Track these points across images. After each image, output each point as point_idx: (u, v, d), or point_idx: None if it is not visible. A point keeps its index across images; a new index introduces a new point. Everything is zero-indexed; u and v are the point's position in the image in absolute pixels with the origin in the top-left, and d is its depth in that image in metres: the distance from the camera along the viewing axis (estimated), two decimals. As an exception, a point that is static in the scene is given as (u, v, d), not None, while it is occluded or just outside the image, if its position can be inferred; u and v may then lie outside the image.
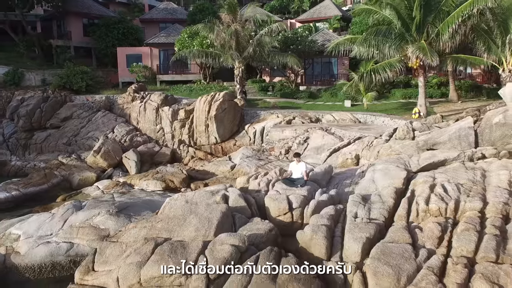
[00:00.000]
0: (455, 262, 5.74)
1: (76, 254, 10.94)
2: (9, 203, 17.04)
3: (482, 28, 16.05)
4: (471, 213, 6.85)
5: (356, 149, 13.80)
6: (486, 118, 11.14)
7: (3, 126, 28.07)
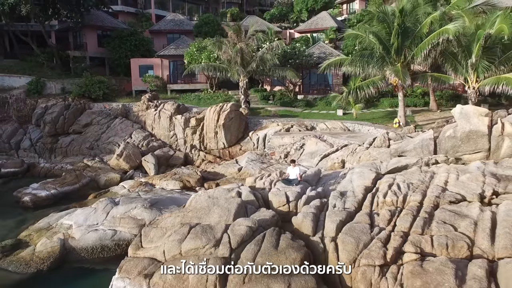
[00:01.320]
0: (395, 234, 8.68)
1: (119, 239, 13.98)
2: (49, 200, 20.06)
3: (450, 52, 19.01)
4: (413, 203, 9.80)
5: (342, 155, 16.78)
6: (443, 131, 14.11)
7: (29, 131, 31.13)
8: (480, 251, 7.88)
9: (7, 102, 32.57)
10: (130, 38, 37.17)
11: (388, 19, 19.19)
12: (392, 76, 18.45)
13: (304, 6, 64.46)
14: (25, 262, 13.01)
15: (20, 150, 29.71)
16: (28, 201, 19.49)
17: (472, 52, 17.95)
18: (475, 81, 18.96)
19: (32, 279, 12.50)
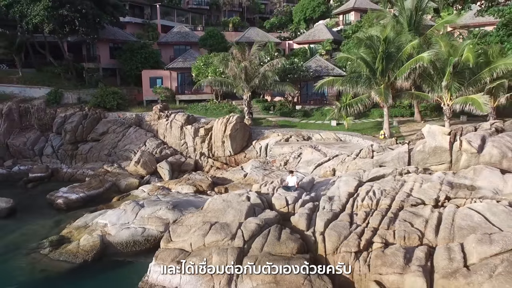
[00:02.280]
0: (368, 229, 11.62)
1: (148, 235, 16.91)
2: (79, 202, 23.00)
3: (427, 74, 21.96)
4: (383, 206, 12.74)
5: (333, 164, 19.73)
6: (415, 146, 17.08)
7: (51, 139, 33.96)
8: (427, 241, 10.82)
9: (29, 112, 35.37)
10: (140, 51, 40.07)
11: (374, 45, 22.19)
12: (376, 96, 21.42)
13: (302, 15, 67.57)
14: (73, 254, 15.93)
15: (43, 156, 32.55)
16: (61, 204, 22.42)
17: (445, 75, 20.92)
18: (449, 99, 21.94)
19: (80, 267, 15.41)
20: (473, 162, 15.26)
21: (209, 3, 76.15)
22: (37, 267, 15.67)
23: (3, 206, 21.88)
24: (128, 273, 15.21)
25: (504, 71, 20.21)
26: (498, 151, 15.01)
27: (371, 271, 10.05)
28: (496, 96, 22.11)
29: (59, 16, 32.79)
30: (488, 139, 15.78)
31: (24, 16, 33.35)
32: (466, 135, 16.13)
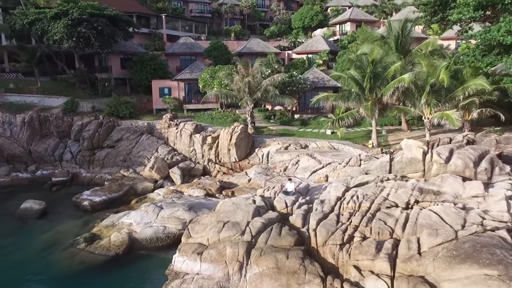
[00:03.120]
0: (350, 227, 14.61)
1: (168, 232, 19.87)
2: (102, 204, 25.98)
3: (410, 91, 24.98)
4: (364, 208, 15.72)
5: (326, 171, 22.74)
6: (396, 156, 20.08)
7: (69, 145, 36.96)
8: (396, 235, 13.80)
9: (48, 120, 38.32)
10: (150, 63, 43.02)
11: (363, 65, 25.20)
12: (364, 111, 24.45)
13: (301, 23, 70.63)
14: (106, 248, 18.91)
15: (63, 162, 35.53)
16: (87, 205, 25.42)
17: (424, 92, 23.94)
18: (429, 113, 24.96)
19: (113, 259, 18.39)
20: (442, 171, 18.26)
21: (211, 11, 79.24)
22: (76, 259, 18.64)
23: (36, 208, 24.90)
24: (154, 264, 18.21)
25: (474, 90, 23.24)
26: (462, 162, 18.02)
27: (351, 258, 13.04)
28: (469, 111, 25.16)
29: (77, 33, 35.72)
30: (455, 152, 18.78)
31: (45, 32, 36.34)
32: (436, 148, 19.14)
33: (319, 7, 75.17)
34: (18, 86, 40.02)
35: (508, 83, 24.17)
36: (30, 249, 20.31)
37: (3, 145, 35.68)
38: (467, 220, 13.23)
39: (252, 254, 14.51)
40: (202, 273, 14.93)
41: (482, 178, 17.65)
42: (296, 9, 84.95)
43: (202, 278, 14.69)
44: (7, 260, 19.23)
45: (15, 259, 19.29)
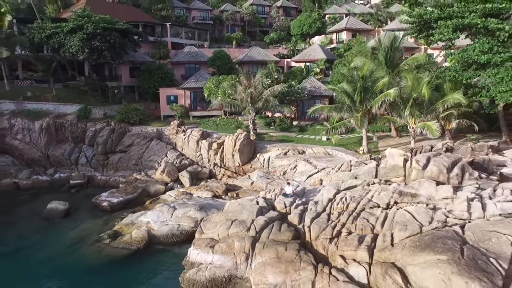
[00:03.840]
0: (339, 224, 17.45)
1: (182, 229, 22.68)
2: (120, 205, 28.76)
3: (396, 103, 27.84)
4: (351, 208, 18.56)
5: (321, 175, 25.59)
6: (381, 163, 22.93)
7: (84, 150, 39.78)
8: (376, 231, 16.63)
9: (63, 126, 41.13)
10: (157, 72, 45.85)
11: (355, 80, 28.06)
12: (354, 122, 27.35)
13: (299, 30, 73.49)
14: (128, 243, 21.73)
15: (79, 165, 38.35)
16: (106, 206, 28.24)
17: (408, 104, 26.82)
18: (413, 123, 27.83)
19: (135, 253, 21.20)
20: (420, 176, 21.12)
21: (213, 18, 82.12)
22: (103, 253, 21.45)
23: (61, 208, 27.72)
24: (171, 256, 21.02)
25: (452, 103, 26.08)
26: (437, 168, 20.88)
27: (338, 250, 15.87)
28: (449, 121, 28.02)
29: (92, 46, 38.54)
30: (432, 159, 21.64)
31: (62, 45, 39.15)
32: (416, 156, 22.00)
33: (317, 14, 78.07)
34: (35, 94, 42.76)
35: (483, 97, 27.05)
36: (60, 245, 23.09)
37: (23, 150, 38.54)
38: (434, 218, 16.09)
39: (256, 246, 17.36)
40: (214, 263, 17.76)
41: (454, 183, 20.51)
42: (295, 16, 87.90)
43: (214, 267, 17.54)
44: (41, 255, 22.01)
45: (48, 254, 22.06)
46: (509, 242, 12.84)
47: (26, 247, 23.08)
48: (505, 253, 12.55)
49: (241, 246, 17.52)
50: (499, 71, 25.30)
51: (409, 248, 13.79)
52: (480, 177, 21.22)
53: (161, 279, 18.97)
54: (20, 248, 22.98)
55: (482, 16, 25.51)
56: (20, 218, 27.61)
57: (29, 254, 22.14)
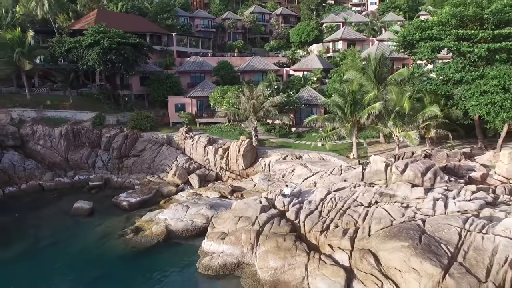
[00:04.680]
0: (328, 219, 21.12)
1: (195, 225, 26.35)
2: (137, 204, 32.38)
3: (382, 114, 31.54)
4: (338, 206, 22.19)
5: (315, 178, 29.28)
6: (366, 168, 26.64)
7: (100, 154, 43.41)
8: (358, 225, 20.30)
9: (80, 132, 44.77)
10: (166, 81, 49.57)
11: (345, 94, 31.78)
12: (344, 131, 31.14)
13: (298, 38, 77.19)
14: (150, 237, 25.39)
15: (96, 168, 42.00)
16: (126, 205, 31.88)
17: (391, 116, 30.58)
18: (397, 132, 31.56)
19: (155, 245, 24.83)
20: (398, 179, 24.85)
21: (215, 26, 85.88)
22: (129, 244, 25.11)
23: (86, 207, 31.38)
24: (187, 248, 24.68)
25: (430, 115, 29.80)
26: (413, 173, 24.62)
27: (327, 240, 19.55)
28: (429, 130, 31.74)
29: (108, 59, 42.24)
30: (409, 165, 25.37)
31: (80, 59, 42.85)
32: (396, 162, 25.73)
33: (315, 22, 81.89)
34: (53, 102, 46.42)
35: (458, 110, 30.81)
36: (90, 239, 26.75)
37: (45, 154, 42.17)
38: (405, 214, 19.80)
39: (260, 238, 21.06)
40: (225, 252, 21.48)
41: (427, 185, 24.27)
42: (294, 23, 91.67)
43: (225, 255, 21.25)
44: (75, 247, 25.66)
45: (81, 246, 25.72)
46: (457, 232, 16.54)
47: (61, 240, 26.78)
48: (453, 240, 16.24)
49: (247, 238, 21.23)
50: (471, 87, 29.04)
51: (381, 238, 17.49)
52: (450, 180, 24.98)
53: (181, 265, 22.61)
54: (56, 241, 26.70)
55: (455, 39, 29.23)
56: (50, 216, 31.26)
57: (64, 247, 25.82)
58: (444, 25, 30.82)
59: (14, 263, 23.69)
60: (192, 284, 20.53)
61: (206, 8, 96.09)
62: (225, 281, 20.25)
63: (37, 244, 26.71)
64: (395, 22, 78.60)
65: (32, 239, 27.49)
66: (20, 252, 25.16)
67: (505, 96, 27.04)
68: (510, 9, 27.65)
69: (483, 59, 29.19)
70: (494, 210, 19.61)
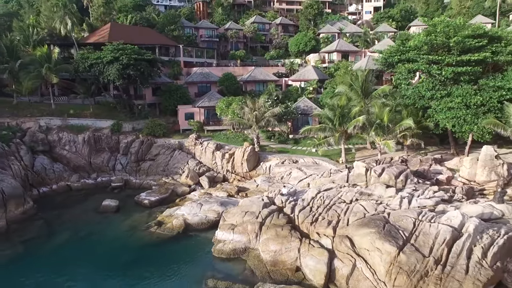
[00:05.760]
0: (317, 213, 26.44)
1: (208, 219, 31.67)
2: (156, 202, 37.60)
3: (365, 126, 36.89)
4: (326, 203, 27.49)
5: (309, 180, 34.64)
6: (351, 171, 32.00)
7: (119, 158, 48.70)
8: (340, 217, 25.64)
9: (100, 138, 50.09)
10: (176, 92, 54.94)
11: (335, 108, 37.15)
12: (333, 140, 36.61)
13: (296, 48, 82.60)
14: (171, 229, 30.68)
15: (116, 171, 47.32)
16: (147, 203, 37.17)
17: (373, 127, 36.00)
18: (379, 141, 36.93)
19: (176, 235, 30.08)
20: (376, 181, 30.22)
21: (218, 36, 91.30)
22: (154, 235, 30.39)
23: (113, 205, 36.68)
24: (202, 238, 29.96)
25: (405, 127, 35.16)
26: (388, 176, 30.00)
27: (315, 229, 24.86)
28: (406, 139, 37.12)
29: (126, 74, 47.62)
30: (385, 169, 30.75)
31: (101, 73, 48.23)
32: (375, 167, 31.10)
33: (312, 33, 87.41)
34: (76, 111, 51.79)
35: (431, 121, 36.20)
36: (120, 231, 32.01)
37: (70, 158, 47.47)
38: (377, 209, 25.15)
39: (262, 228, 26.41)
40: (234, 240, 26.79)
41: (399, 186, 29.66)
42: (293, 32, 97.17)
43: (235, 242, 26.58)
44: (108, 237, 30.95)
45: (113, 237, 31.00)
46: (412, 222, 21.88)
47: (96, 232, 32.06)
48: (409, 227, 21.58)
49: (252, 228, 26.59)
50: (440, 103, 34.43)
51: (356, 226, 22.84)
52: (418, 182, 30.38)
53: (199, 251, 27.92)
54: (91, 233, 31.97)
55: (427, 63, 34.61)
56: (83, 212, 36.52)
57: (99, 237, 31.12)
58: (419, 49, 36.20)
59: (60, 250, 29.04)
60: (209, 264, 25.81)
61: (209, 17, 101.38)
62: (235, 262, 25.57)
63: (76, 235, 31.93)
64: (387, 33, 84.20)
65: (71, 231, 32.70)
66: (64, 241, 30.52)
67: (466, 111, 32.43)
68: (469, 40, 32.96)
69: (450, 80, 34.54)
70: (447, 205, 25.01)
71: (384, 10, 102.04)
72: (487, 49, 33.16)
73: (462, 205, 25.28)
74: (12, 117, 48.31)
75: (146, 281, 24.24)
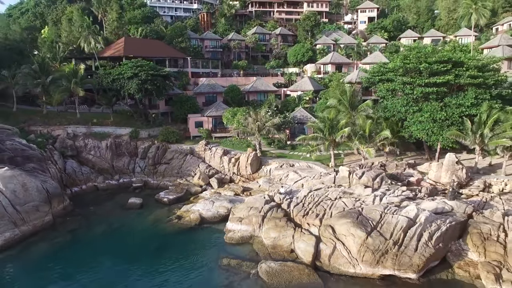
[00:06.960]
0: (307, 208, 33.14)
1: (220, 214, 38.45)
2: (174, 200, 44.29)
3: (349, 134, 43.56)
4: (315, 200, 34.20)
5: (303, 181, 41.37)
6: (337, 174, 38.75)
7: (137, 162, 55.40)
8: (325, 211, 32.32)
9: (121, 144, 56.80)
10: (187, 102, 61.68)
11: (325, 121, 43.87)
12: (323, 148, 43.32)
13: (294, 59, 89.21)
14: (189, 221, 37.43)
15: (135, 173, 54.01)
16: (166, 201, 43.88)
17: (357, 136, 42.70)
18: (362, 148, 43.63)
19: (193, 227, 36.80)
20: (357, 183, 36.95)
21: (222, 46, 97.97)
22: (175, 226, 37.09)
23: (138, 202, 43.38)
24: (215, 229, 36.61)
25: (384, 137, 41.85)
26: (366, 178, 36.75)
27: (306, 220, 31.53)
28: (385, 146, 43.84)
29: (144, 88, 54.40)
30: (365, 173, 37.49)
31: (122, 87, 54.99)
32: (356, 171, 37.85)
33: (309, 43, 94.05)
34: (98, 120, 58.53)
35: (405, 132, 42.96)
36: (145, 224, 38.70)
37: (95, 162, 54.16)
38: (355, 205, 31.88)
39: (264, 220, 33.13)
40: (242, 229, 33.52)
41: (375, 187, 36.40)
42: (292, 42, 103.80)
43: (242, 231, 33.30)
44: (135, 229, 37.63)
45: (140, 228, 37.68)
46: (379, 214, 28.60)
47: (126, 224, 38.76)
48: (376, 218, 28.30)
49: (256, 220, 33.32)
50: (413, 117, 41.18)
51: (337, 218, 29.59)
52: (392, 183, 37.12)
53: (213, 238, 34.63)
54: (122, 225, 38.65)
55: (401, 83, 41.36)
56: (112, 209, 43.21)
57: (129, 229, 37.81)
58: (396, 71, 42.95)
59: (100, 238, 35.75)
60: (222, 248, 32.50)
61: (212, 27, 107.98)
62: (243, 246, 32.29)
63: (110, 227, 38.58)
64: (378, 44, 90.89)
65: (106, 223, 39.37)
66: (102, 231, 37.21)
67: (434, 124, 39.17)
68: (436, 65, 39.67)
69: (421, 97, 41.27)
70: (410, 202, 31.75)
71: (377, 20, 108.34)
72: (451, 73, 39.83)
73: (422, 201, 32.00)
74: (44, 126, 55.06)
75: (171, 262, 30.91)
